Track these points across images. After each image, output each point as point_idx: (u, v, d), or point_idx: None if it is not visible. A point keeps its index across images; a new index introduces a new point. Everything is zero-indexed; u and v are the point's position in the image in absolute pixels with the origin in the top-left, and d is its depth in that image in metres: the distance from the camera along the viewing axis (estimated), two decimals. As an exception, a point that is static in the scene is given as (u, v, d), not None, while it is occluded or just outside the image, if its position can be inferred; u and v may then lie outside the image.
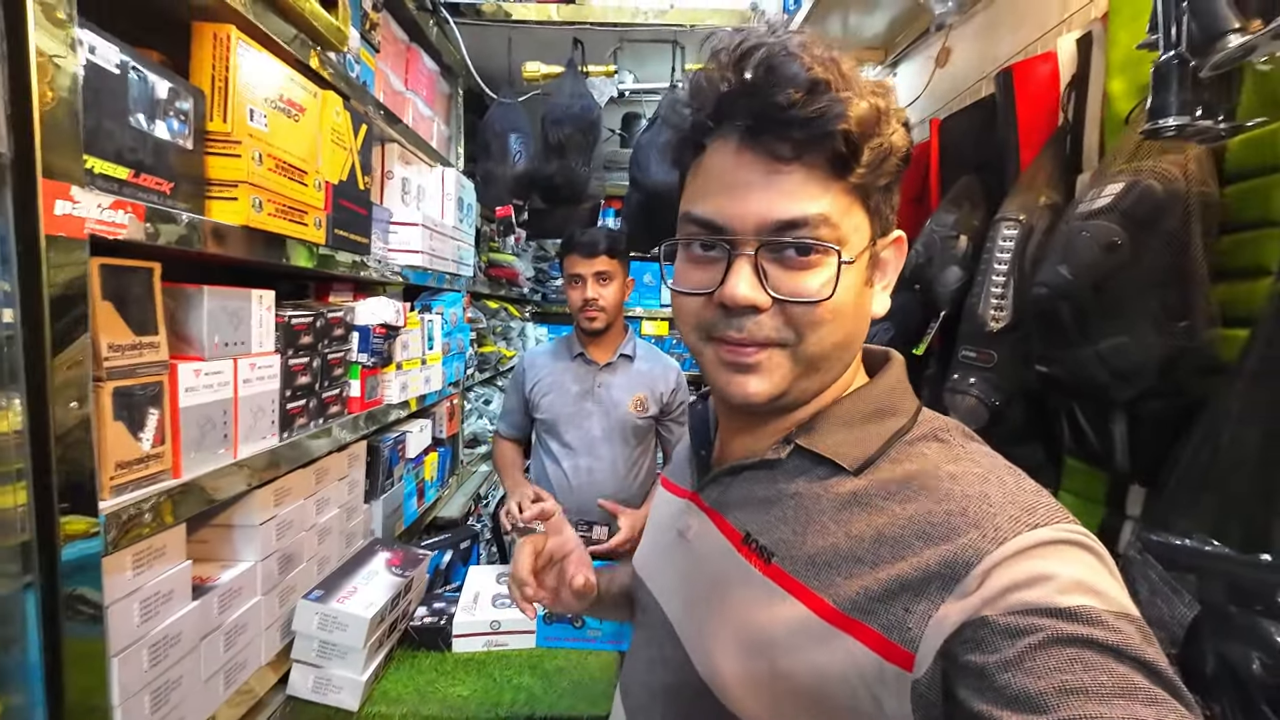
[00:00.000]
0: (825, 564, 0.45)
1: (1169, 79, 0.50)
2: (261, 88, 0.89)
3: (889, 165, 0.47)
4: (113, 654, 0.68)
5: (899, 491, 0.45)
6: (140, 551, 0.73)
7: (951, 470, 0.44)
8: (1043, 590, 0.36)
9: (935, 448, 0.48)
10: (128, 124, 0.71)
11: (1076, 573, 0.36)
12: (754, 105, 0.45)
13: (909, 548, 0.42)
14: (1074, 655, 0.34)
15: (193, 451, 0.81)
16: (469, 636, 1.22)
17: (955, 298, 1.07)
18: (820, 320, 0.47)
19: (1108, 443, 0.76)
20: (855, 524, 0.45)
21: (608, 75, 1.77)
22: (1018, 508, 0.40)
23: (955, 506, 0.42)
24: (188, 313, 0.83)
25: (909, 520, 0.43)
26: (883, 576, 0.42)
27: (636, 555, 0.69)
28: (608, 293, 1.58)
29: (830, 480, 0.49)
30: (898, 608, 0.40)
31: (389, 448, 1.48)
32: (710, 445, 0.62)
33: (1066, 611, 0.35)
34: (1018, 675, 0.34)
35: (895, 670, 0.40)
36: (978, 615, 0.37)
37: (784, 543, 0.48)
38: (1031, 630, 0.35)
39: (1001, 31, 1.19)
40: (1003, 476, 0.44)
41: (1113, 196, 0.71)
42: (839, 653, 0.42)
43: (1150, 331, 0.67)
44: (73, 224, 0.60)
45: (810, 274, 0.46)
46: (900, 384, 0.54)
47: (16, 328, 0.56)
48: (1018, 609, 0.36)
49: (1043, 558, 0.37)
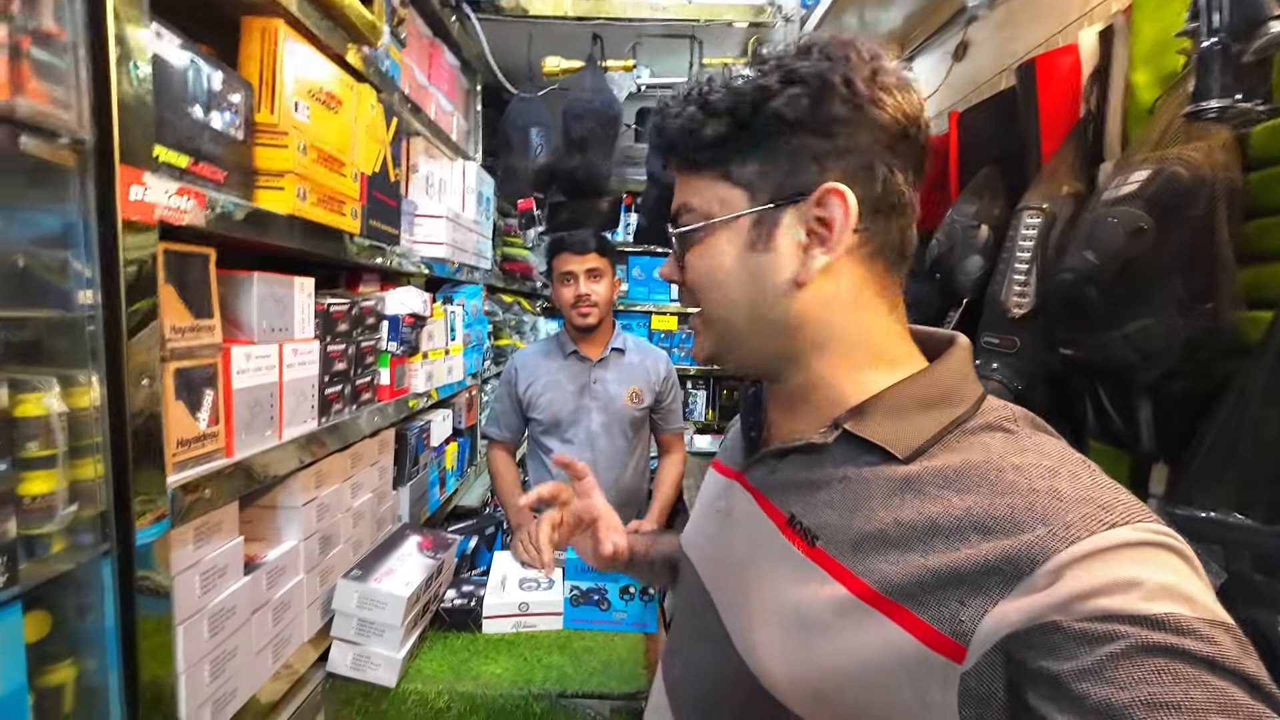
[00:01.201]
0: (871, 549, 0.45)
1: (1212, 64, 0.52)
2: (305, 80, 0.92)
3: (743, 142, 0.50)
4: (178, 623, 0.71)
5: (956, 480, 0.43)
6: (200, 526, 0.76)
7: (1016, 462, 0.42)
8: (1125, 596, 0.33)
9: (999, 438, 0.45)
10: (188, 114, 0.73)
11: (1162, 577, 0.34)
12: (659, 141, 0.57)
13: (964, 539, 0.40)
14: (1162, 666, 0.31)
15: (243, 432, 0.84)
16: (498, 618, 1.25)
17: (977, 286, 1.09)
18: (695, 286, 0.54)
19: (1132, 423, 0.78)
20: (905, 511, 0.44)
21: (626, 70, 1.79)
22: (1092, 505, 0.38)
23: (1020, 501, 0.40)
24: (238, 298, 0.86)
25: (966, 511, 0.41)
26: (933, 565, 0.41)
27: (685, 531, 0.71)
28: (599, 289, 1.61)
29: (880, 467, 0.47)
30: (951, 600, 0.39)
31: (415, 435, 1.51)
32: (760, 427, 0.62)
33: (1152, 619, 0.32)
34: (1098, 685, 0.32)
35: (944, 661, 0.39)
36: (1048, 619, 0.35)
37: (829, 526, 0.48)
38: (1112, 637, 0.33)
39: (1020, 25, 1.21)
40: (1075, 470, 0.41)
41: (1139, 183, 0.73)
42: (877, 636, 0.42)
43: (1175, 314, 0.69)
44: (144, 209, 0.63)
45: (673, 254, 0.57)
46: (960, 370, 0.51)
47: (97, 309, 0.59)
48: (1095, 615, 0.33)
49: (1123, 560, 0.35)
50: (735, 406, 3.59)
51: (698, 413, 3.59)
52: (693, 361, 3.55)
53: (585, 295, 1.59)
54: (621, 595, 1.28)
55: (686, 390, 3.61)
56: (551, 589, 1.31)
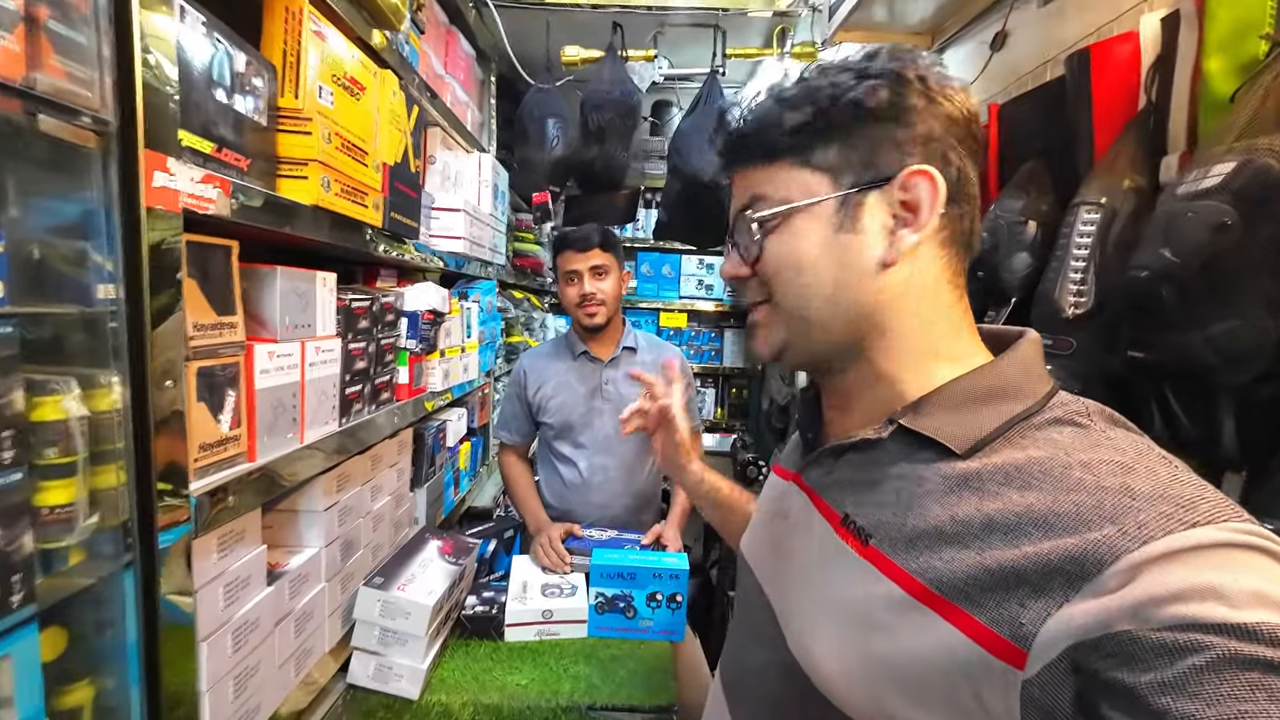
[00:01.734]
0: (925, 547, 0.43)
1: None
2: (329, 64, 0.87)
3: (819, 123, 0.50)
4: (201, 638, 0.67)
5: (1018, 477, 0.41)
6: (224, 535, 0.71)
7: (1085, 458, 0.40)
8: (1208, 603, 0.31)
9: (1069, 433, 0.43)
10: (211, 97, 0.69)
11: (1253, 583, 0.31)
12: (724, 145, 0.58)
13: (1025, 537, 0.38)
14: (1255, 680, 0.29)
15: (265, 435, 0.79)
16: (521, 626, 1.21)
17: (1024, 284, 1.05)
18: (773, 273, 0.53)
19: (1208, 429, 0.74)
20: (962, 508, 0.42)
21: (648, 60, 1.74)
22: (1170, 503, 0.35)
23: (1087, 498, 0.38)
24: (260, 293, 0.82)
25: (1028, 508, 0.39)
26: (990, 565, 0.39)
27: (743, 538, 0.70)
28: (605, 286, 1.54)
29: (937, 463, 0.46)
30: (1011, 602, 0.37)
31: (432, 435, 1.47)
32: (817, 427, 0.62)
33: (1242, 629, 0.30)
34: (1180, 699, 0.30)
35: (1003, 666, 0.37)
36: (1122, 627, 0.32)
37: (883, 524, 0.47)
38: (1196, 648, 0.30)
39: (1068, 14, 1.17)
40: (1153, 467, 0.39)
41: (1222, 176, 0.69)
42: (932, 637, 0.40)
43: (1264, 315, 0.65)
44: (169, 197, 0.58)
45: (754, 243, 0.54)
46: (1027, 364, 0.49)
47: (120, 304, 0.55)
48: (1175, 623, 0.31)
49: (1206, 563, 0.33)
50: (744, 405, 3.55)
51: (707, 411, 3.56)
52: (700, 359, 3.51)
53: (591, 294, 1.53)
54: (648, 603, 1.24)
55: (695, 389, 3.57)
56: (575, 596, 1.27)
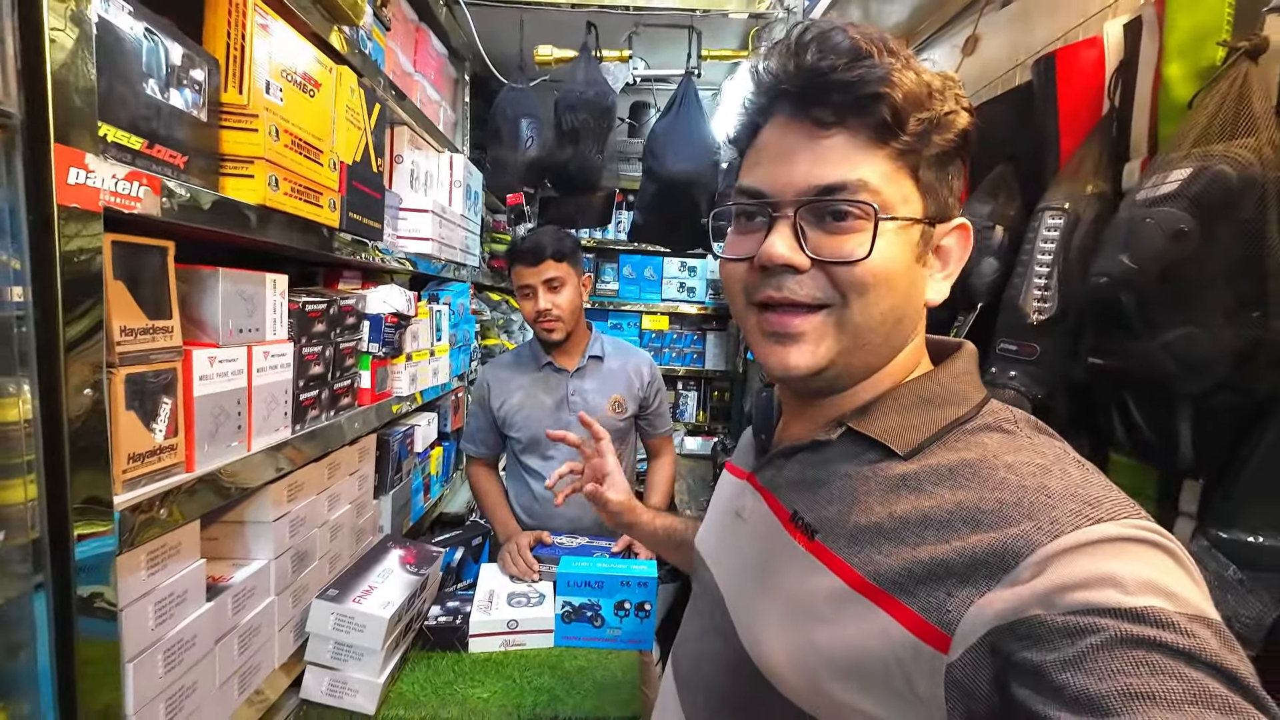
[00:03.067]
0: (866, 541, 0.45)
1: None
2: (278, 59, 0.84)
3: (940, 139, 0.47)
4: (127, 659, 0.64)
5: (950, 478, 0.44)
6: (154, 550, 0.68)
7: (1009, 460, 0.43)
8: (1106, 590, 0.34)
9: (997, 438, 0.46)
10: (140, 90, 0.66)
11: (1144, 572, 0.34)
12: (800, 77, 0.47)
13: (955, 532, 0.41)
14: (1140, 658, 0.32)
15: (206, 444, 0.76)
16: (486, 636, 1.18)
17: (991, 290, 1.04)
18: (864, 283, 0.46)
19: (1165, 437, 0.73)
20: (900, 506, 0.45)
21: (622, 60, 1.72)
22: (1079, 501, 0.38)
23: (1009, 496, 0.40)
24: (201, 296, 0.78)
25: (957, 506, 0.42)
26: (923, 558, 0.41)
27: (699, 534, 0.71)
28: (562, 300, 1.46)
29: (880, 464, 0.48)
30: (940, 591, 0.40)
31: (398, 441, 1.43)
32: (772, 430, 0.63)
33: (1132, 612, 0.33)
34: (1078, 675, 0.32)
35: (930, 651, 0.39)
36: (1032, 612, 0.35)
37: (828, 521, 0.49)
38: (1093, 630, 0.33)
39: (1035, 19, 1.17)
40: (1067, 469, 0.42)
41: (1179, 182, 0.68)
42: (872, 627, 0.42)
43: (1222, 322, 0.65)
44: (87, 195, 0.55)
45: (851, 236, 0.46)
46: (965, 373, 0.52)
47: (28, 307, 0.52)
48: (1078, 608, 0.34)
49: (1106, 555, 0.35)
50: (726, 408, 3.54)
51: (688, 414, 3.54)
52: (682, 362, 3.50)
53: (546, 310, 1.45)
54: (616, 611, 1.21)
55: (676, 391, 3.56)
56: (542, 604, 1.24)
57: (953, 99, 0.47)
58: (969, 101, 0.49)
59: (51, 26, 0.51)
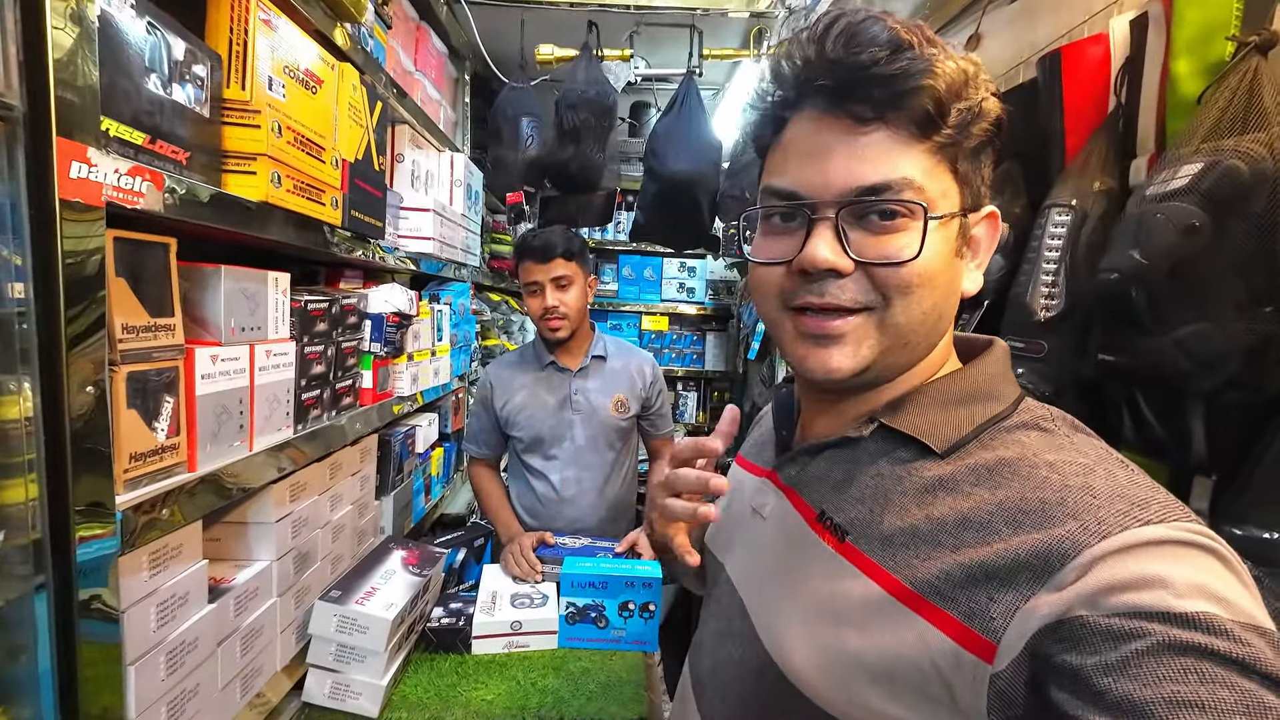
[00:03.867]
0: (901, 544, 0.44)
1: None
2: (281, 55, 0.83)
3: (978, 128, 0.45)
4: (129, 662, 0.63)
5: (989, 477, 0.43)
6: (156, 550, 0.67)
7: (1051, 459, 0.42)
8: (1155, 593, 0.33)
9: (1035, 436, 0.45)
10: (143, 85, 0.65)
11: (1196, 577, 0.33)
12: (836, 70, 0.44)
13: (996, 534, 0.40)
14: (1189, 665, 0.31)
15: (208, 443, 0.75)
16: (489, 638, 1.17)
17: (997, 287, 1.04)
18: (908, 284, 0.45)
19: (1176, 433, 0.73)
20: (938, 507, 0.43)
21: (624, 59, 1.72)
22: (1126, 502, 0.37)
23: (1052, 495, 0.39)
24: (203, 294, 0.77)
25: (998, 506, 0.41)
26: (964, 561, 0.40)
27: (709, 533, 0.68)
28: (569, 298, 1.47)
29: (914, 463, 0.47)
30: (981, 595, 0.38)
31: (399, 442, 1.42)
32: (793, 426, 0.61)
33: (1182, 617, 0.32)
34: (1120, 680, 0.31)
35: (973, 660, 0.38)
36: (1075, 614, 0.34)
37: (859, 521, 0.47)
38: (1139, 634, 0.32)
39: (1040, 16, 1.17)
40: (1112, 469, 0.40)
41: (1190, 177, 0.68)
42: (910, 634, 0.41)
43: (1235, 318, 0.64)
44: (89, 189, 0.54)
45: (896, 237, 0.45)
46: (1001, 369, 0.51)
47: (29, 304, 0.51)
48: (1123, 611, 0.33)
49: (1155, 558, 0.34)
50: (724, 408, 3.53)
51: (688, 415, 3.53)
52: (683, 363, 3.49)
53: (553, 307, 1.46)
54: (620, 612, 1.20)
55: (677, 392, 3.55)
56: (545, 606, 1.23)
57: (984, 85, 0.45)
58: (996, 86, 0.47)
59: (54, 20, 0.50)
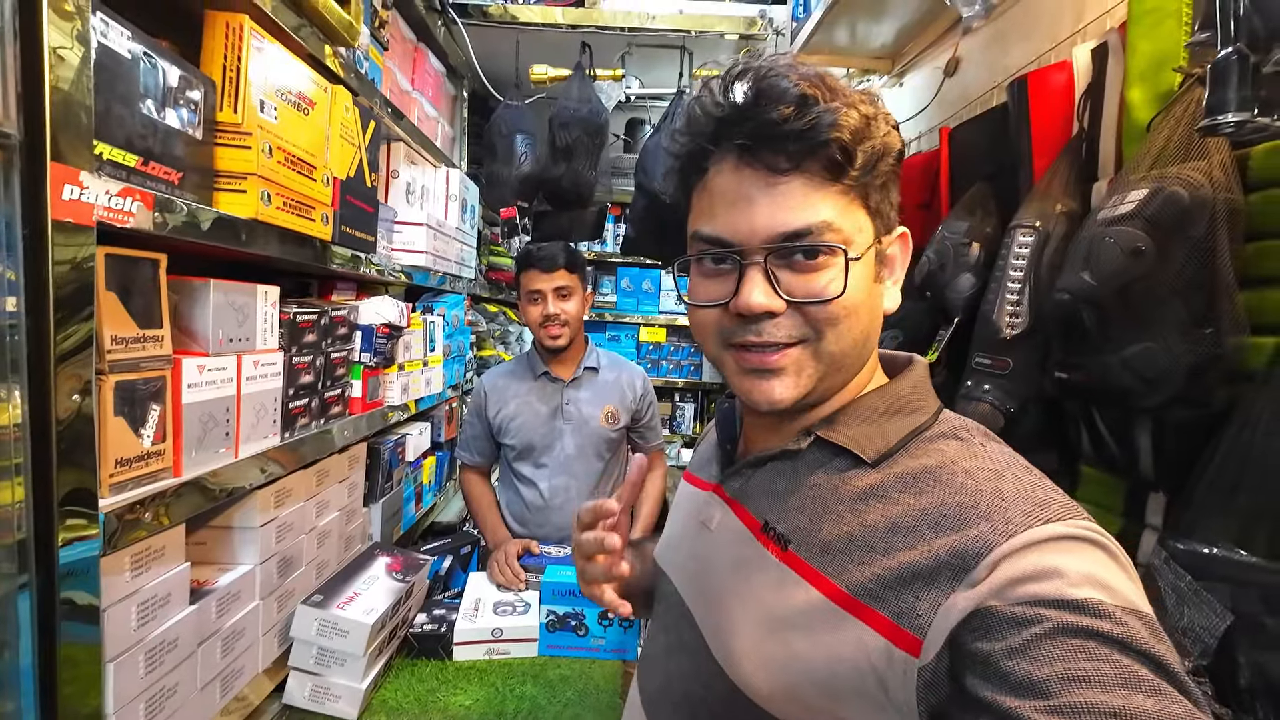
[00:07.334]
0: (839, 551, 0.47)
1: (1228, 75, 0.50)
2: (273, 79, 0.88)
3: (883, 166, 0.49)
4: (108, 659, 0.65)
5: (914, 484, 0.46)
6: (139, 552, 0.70)
7: (967, 466, 0.46)
8: (1051, 583, 0.37)
9: (954, 445, 0.49)
10: (138, 110, 0.69)
11: (1086, 567, 0.37)
12: (749, 125, 0.47)
13: (921, 537, 0.43)
14: (1078, 645, 0.35)
15: (193, 450, 0.78)
16: (470, 644, 1.19)
17: (968, 305, 1.06)
18: (837, 317, 0.49)
19: (1129, 450, 0.75)
20: (870, 514, 0.47)
21: (615, 79, 1.77)
22: (1030, 503, 0.41)
23: (968, 499, 0.43)
24: (192, 307, 0.81)
25: (922, 511, 0.44)
26: (894, 564, 0.43)
27: (658, 547, 0.70)
28: (569, 308, 1.52)
29: (848, 472, 0.50)
30: (908, 595, 0.42)
31: (389, 450, 1.45)
32: (735, 440, 0.64)
33: (1074, 603, 0.36)
34: (1022, 662, 0.35)
35: (903, 656, 0.41)
36: (985, 605, 0.38)
37: (800, 530, 0.50)
38: (1038, 620, 0.36)
39: (1011, 41, 1.20)
40: (1018, 474, 0.45)
41: (1136, 203, 0.71)
42: (849, 637, 0.44)
43: (1177, 338, 0.67)
44: (80, 210, 0.58)
45: (820, 275, 0.48)
46: (922, 384, 0.55)
47: (20, 316, 0.54)
48: (1025, 600, 0.37)
49: (1053, 552, 0.38)
50: (723, 420, 3.54)
51: (685, 426, 3.55)
52: (681, 374, 3.51)
53: (554, 315, 1.50)
54: (600, 621, 1.22)
55: (674, 403, 3.56)
56: (527, 614, 1.25)
57: (884, 121, 0.49)
58: (894, 119, 0.51)
59: (53, 50, 0.54)
